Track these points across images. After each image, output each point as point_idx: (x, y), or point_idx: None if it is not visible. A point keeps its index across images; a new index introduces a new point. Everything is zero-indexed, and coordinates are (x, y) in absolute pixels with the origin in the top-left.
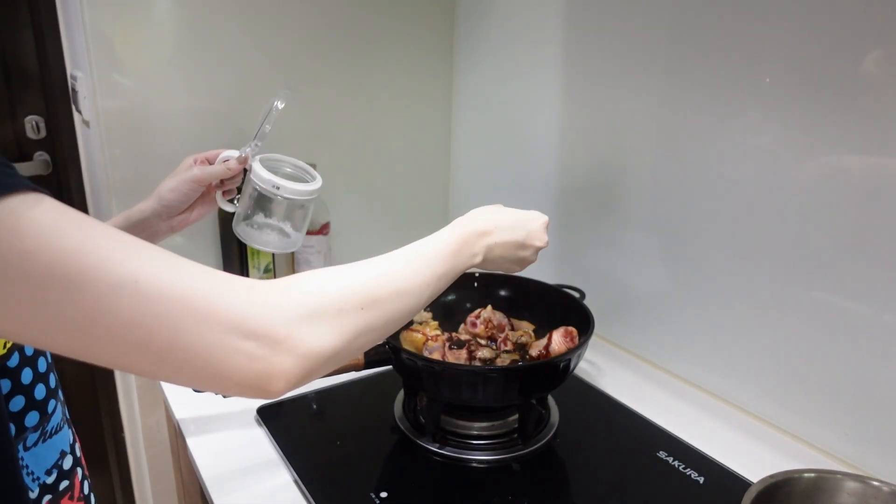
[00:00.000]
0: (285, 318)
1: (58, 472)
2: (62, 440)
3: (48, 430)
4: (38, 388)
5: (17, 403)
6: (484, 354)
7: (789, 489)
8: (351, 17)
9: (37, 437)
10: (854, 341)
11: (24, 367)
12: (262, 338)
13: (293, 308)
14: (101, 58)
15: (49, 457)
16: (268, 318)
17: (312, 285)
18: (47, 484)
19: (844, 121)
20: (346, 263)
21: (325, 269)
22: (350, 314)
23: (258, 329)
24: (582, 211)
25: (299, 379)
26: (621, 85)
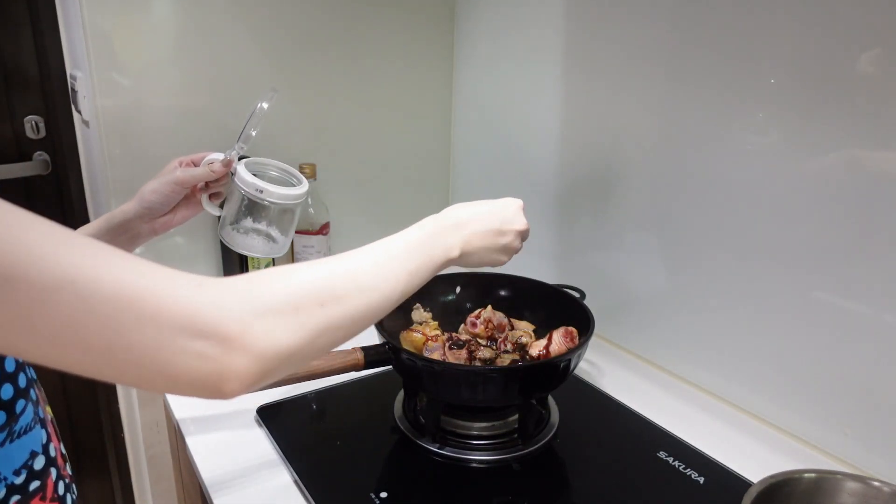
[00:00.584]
0: (238, 314)
1: (27, 473)
2: (33, 440)
3: (16, 431)
4: (5, 389)
5: None
6: (484, 354)
7: (789, 489)
8: (350, 16)
9: (3, 437)
10: (854, 341)
11: None
12: (213, 336)
13: (247, 304)
14: (101, 57)
15: (17, 457)
16: (218, 315)
17: (269, 281)
18: (15, 484)
19: (845, 120)
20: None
21: (285, 266)
22: (309, 311)
23: (208, 326)
24: (582, 211)
25: (255, 379)
26: (622, 84)
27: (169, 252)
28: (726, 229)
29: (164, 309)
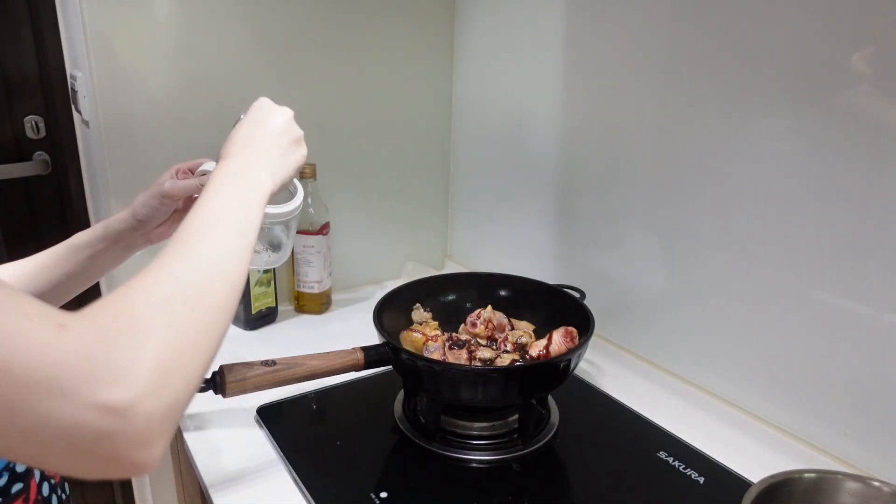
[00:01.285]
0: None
1: (9, 475)
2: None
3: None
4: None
5: None
6: (484, 354)
7: (789, 489)
8: (349, 16)
9: None
10: (854, 341)
11: None
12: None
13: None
14: (101, 58)
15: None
16: (89, 357)
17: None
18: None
19: (845, 120)
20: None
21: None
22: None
23: (80, 375)
24: (582, 211)
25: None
26: (622, 83)
27: None
28: (726, 229)
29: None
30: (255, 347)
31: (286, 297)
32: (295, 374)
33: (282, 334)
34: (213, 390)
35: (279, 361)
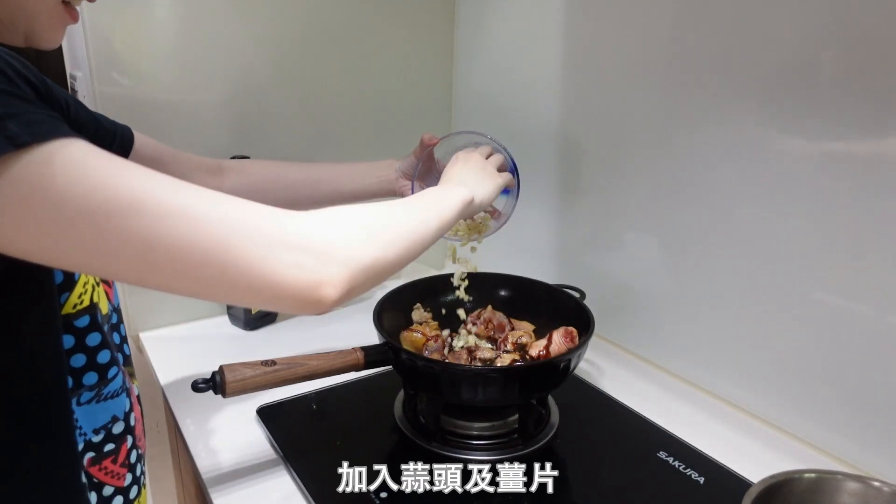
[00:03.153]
0: (325, 233)
1: (105, 434)
2: (117, 406)
3: (104, 394)
4: (103, 354)
5: (77, 360)
6: (484, 354)
7: (789, 489)
8: (350, 14)
9: (91, 396)
10: (855, 341)
11: (92, 331)
12: (308, 250)
13: (326, 227)
14: (101, 57)
15: (100, 418)
16: (309, 233)
17: (338, 212)
18: (92, 442)
19: (845, 120)
20: None
21: (353, 207)
22: (376, 229)
23: (302, 242)
24: (582, 211)
25: (346, 286)
26: (622, 86)
27: None
28: (727, 229)
29: (265, 229)
30: (255, 347)
31: None
32: (295, 374)
33: (282, 334)
34: (213, 390)
35: (279, 361)
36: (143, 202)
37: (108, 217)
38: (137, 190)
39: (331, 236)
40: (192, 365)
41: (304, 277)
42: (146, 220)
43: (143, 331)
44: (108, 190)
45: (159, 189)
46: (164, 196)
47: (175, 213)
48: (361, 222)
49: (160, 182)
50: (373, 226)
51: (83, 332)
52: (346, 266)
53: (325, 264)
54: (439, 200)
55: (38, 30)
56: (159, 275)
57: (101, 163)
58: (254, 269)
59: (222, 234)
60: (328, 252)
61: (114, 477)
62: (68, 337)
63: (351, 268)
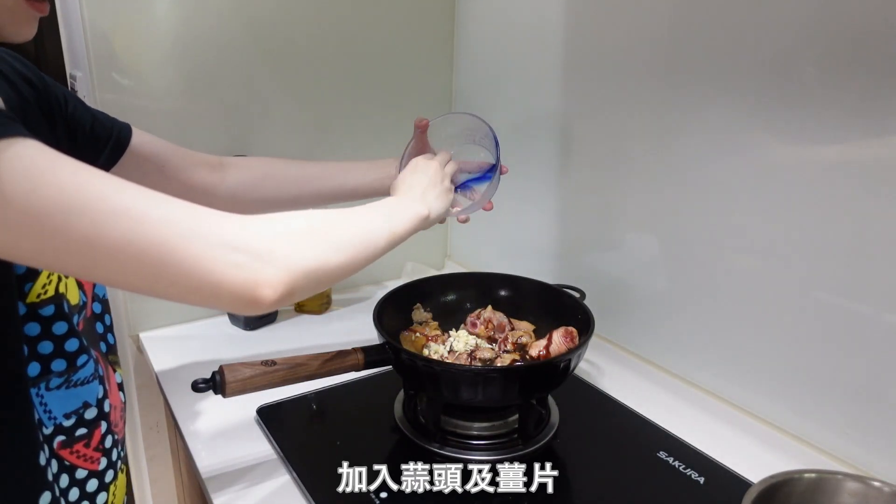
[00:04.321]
0: (263, 236)
1: (77, 419)
2: (89, 392)
3: (74, 380)
4: (70, 342)
5: (45, 347)
6: (484, 354)
7: (789, 489)
8: (351, 16)
9: (60, 382)
10: (854, 341)
11: (58, 320)
12: (247, 250)
13: (269, 229)
14: (101, 57)
15: (70, 403)
16: (250, 235)
17: (286, 214)
18: (63, 426)
19: (845, 120)
20: None
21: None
22: (319, 233)
23: (242, 243)
24: (582, 211)
25: (284, 289)
26: (622, 86)
27: None
28: (726, 229)
29: (205, 229)
30: (255, 347)
31: None
32: (295, 374)
33: (282, 334)
34: (213, 390)
35: (279, 361)
36: (86, 201)
37: (50, 216)
38: (81, 189)
39: (272, 238)
40: (192, 365)
41: (241, 277)
42: (88, 219)
43: (143, 331)
44: (51, 188)
45: (103, 189)
46: (107, 196)
47: (117, 212)
48: (306, 226)
49: (104, 182)
50: (318, 230)
51: (49, 320)
52: (285, 268)
53: (263, 265)
54: (395, 213)
55: (4, 25)
56: (102, 271)
57: (47, 163)
58: (192, 267)
59: (162, 233)
60: (267, 253)
61: (87, 460)
62: (34, 325)
63: (290, 270)
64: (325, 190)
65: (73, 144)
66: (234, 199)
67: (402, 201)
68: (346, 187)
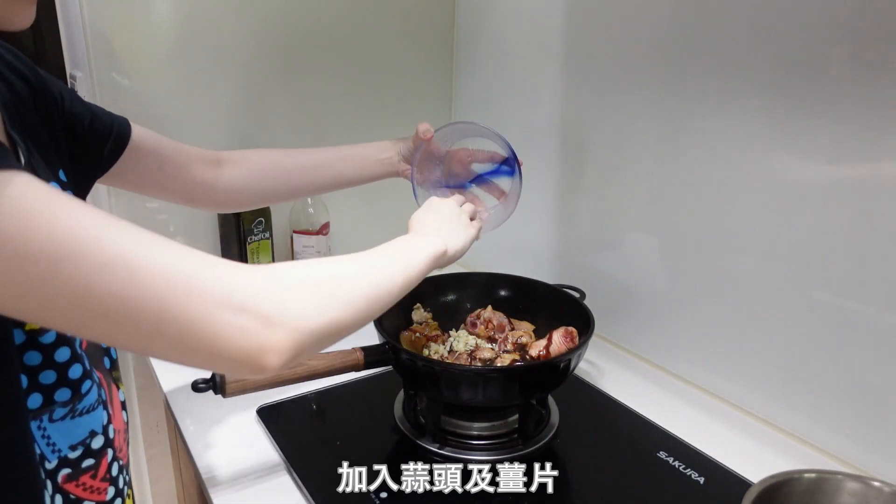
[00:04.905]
0: (273, 293)
1: (83, 450)
2: (94, 420)
3: (79, 409)
4: (74, 368)
5: (47, 377)
6: (484, 354)
7: (789, 489)
8: (352, 17)
9: (65, 413)
10: (854, 341)
11: (60, 345)
12: (253, 312)
13: (278, 286)
14: (101, 57)
15: (76, 433)
16: (256, 294)
17: (292, 268)
18: (69, 458)
19: (845, 120)
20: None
21: (304, 261)
22: (329, 291)
23: (248, 303)
24: (582, 211)
25: (291, 353)
26: (621, 86)
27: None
28: (726, 229)
29: (208, 286)
30: None
31: None
32: (295, 374)
33: None
34: (213, 390)
35: None
36: (78, 249)
37: (36, 263)
38: (73, 234)
39: (281, 295)
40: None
41: (246, 342)
42: (79, 269)
43: None
44: (39, 231)
45: (98, 235)
46: (102, 243)
47: (113, 262)
48: (317, 282)
49: (100, 226)
50: (329, 286)
51: (50, 347)
52: (294, 332)
53: (271, 330)
54: (408, 252)
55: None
56: (91, 327)
57: (37, 201)
58: (194, 329)
59: (162, 289)
60: (276, 314)
61: (94, 492)
62: (35, 353)
63: (299, 333)
64: (326, 179)
65: (73, 141)
66: (231, 194)
67: (417, 238)
68: (347, 176)
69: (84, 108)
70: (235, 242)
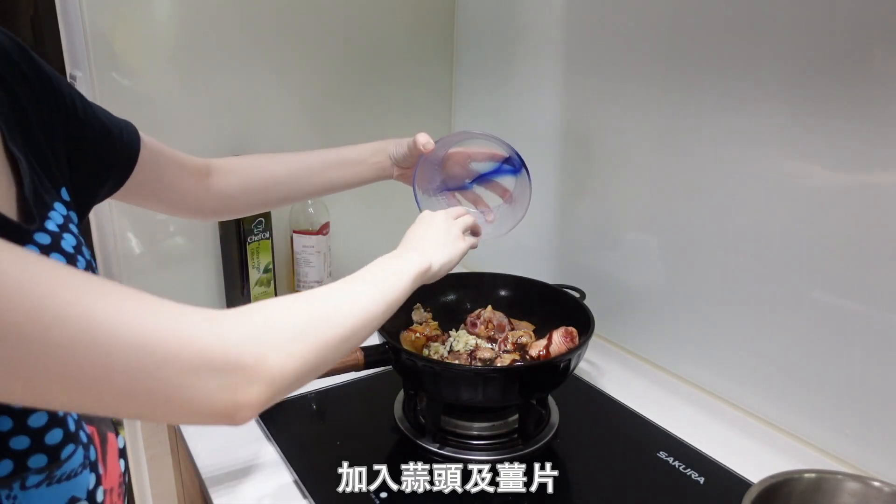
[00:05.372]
0: (249, 345)
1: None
2: (76, 486)
3: (57, 475)
4: (52, 434)
5: (20, 442)
6: (484, 354)
7: (789, 489)
8: (353, 18)
9: (40, 479)
10: (854, 341)
11: (34, 411)
12: (228, 370)
13: (255, 335)
14: (101, 58)
15: (53, 501)
16: (232, 349)
17: (271, 311)
18: None
19: (846, 120)
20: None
21: (278, 297)
22: (309, 335)
23: (223, 361)
24: (582, 211)
25: (266, 404)
26: (622, 87)
27: (168, 252)
28: (726, 229)
29: (182, 350)
30: None
31: None
32: None
33: None
34: None
35: None
36: (44, 333)
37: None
38: (35, 304)
39: (258, 350)
40: None
41: (222, 402)
42: (45, 352)
43: None
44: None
45: (63, 310)
46: (67, 319)
47: (79, 339)
48: (296, 326)
49: (63, 299)
50: (309, 329)
51: (23, 413)
52: (271, 384)
53: (248, 386)
54: (389, 274)
55: None
56: (58, 399)
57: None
58: (168, 396)
59: (133, 361)
60: (253, 370)
61: None
62: (5, 419)
63: (276, 384)
64: (314, 187)
65: (79, 155)
66: (222, 203)
67: (397, 260)
68: (338, 181)
69: (95, 118)
70: (235, 242)
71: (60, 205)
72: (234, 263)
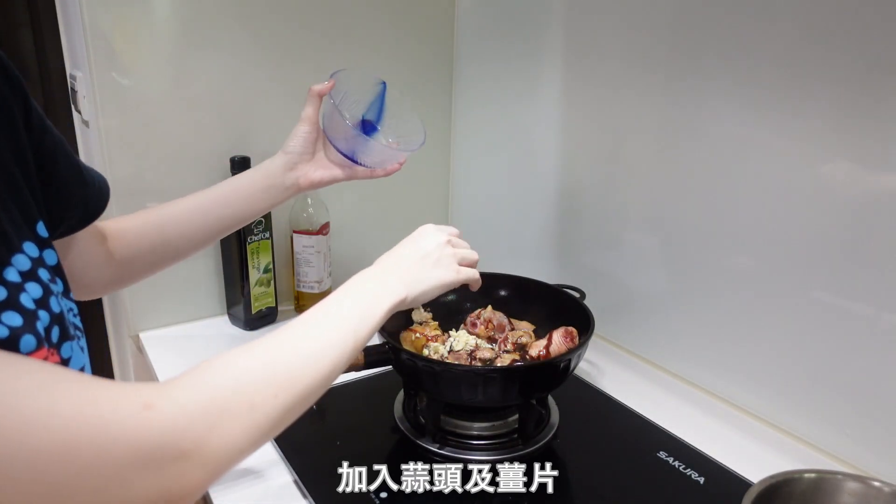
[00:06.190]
0: (192, 431)
1: None
2: None
3: None
4: None
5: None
6: (484, 354)
7: (789, 489)
8: (353, 18)
9: None
10: (854, 341)
11: None
12: (168, 459)
13: (199, 415)
14: (101, 57)
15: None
16: (171, 437)
17: (219, 379)
18: None
19: (846, 121)
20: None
21: (230, 355)
22: (263, 405)
23: (161, 452)
24: (582, 211)
25: (208, 485)
26: (622, 86)
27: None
28: (726, 229)
29: (118, 444)
30: None
31: (286, 297)
32: None
33: None
34: None
35: None
36: None
37: None
38: None
39: (202, 432)
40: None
41: (160, 489)
42: None
43: (143, 331)
44: None
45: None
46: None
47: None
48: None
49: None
50: (262, 395)
51: None
52: (216, 465)
53: (191, 472)
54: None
55: None
56: None
57: None
58: (106, 493)
59: (57, 473)
60: (196, 455)
61: None
62: None
63: (220, 464)
64: (202, 232)
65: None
66: (129, 267)
67: (371, 282)
68: (227, 221)
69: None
70: (235, 242)
71: (31, 245)
72: (234, 263)
